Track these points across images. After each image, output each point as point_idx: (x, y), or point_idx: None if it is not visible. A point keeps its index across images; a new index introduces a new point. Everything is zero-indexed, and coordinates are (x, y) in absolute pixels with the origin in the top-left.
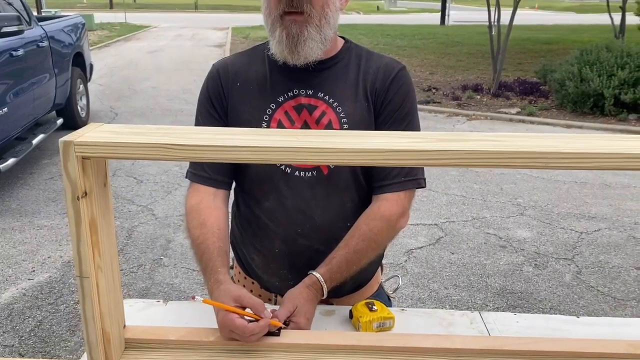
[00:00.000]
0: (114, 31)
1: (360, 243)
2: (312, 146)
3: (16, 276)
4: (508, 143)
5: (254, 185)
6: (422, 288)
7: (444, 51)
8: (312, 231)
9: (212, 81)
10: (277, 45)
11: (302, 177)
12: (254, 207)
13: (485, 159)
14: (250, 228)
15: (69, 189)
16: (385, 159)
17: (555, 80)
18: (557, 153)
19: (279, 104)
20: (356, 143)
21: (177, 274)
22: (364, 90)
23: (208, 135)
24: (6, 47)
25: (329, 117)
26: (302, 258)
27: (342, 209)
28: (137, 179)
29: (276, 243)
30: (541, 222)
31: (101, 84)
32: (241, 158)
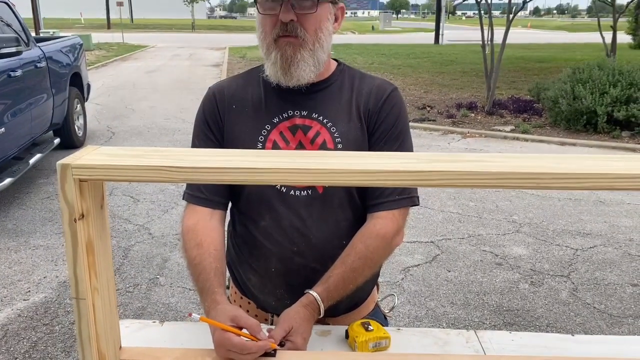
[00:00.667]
0: (111, 51)
1: (356, 261)
2: (307, 167)
3: (11, 297)
4: (499, 164)
5: (250, 205)
6: (419, 306)
7: (438, 70)
8: (307, 249)
9: (208, 104)
10: (272, 67)
11: (298, 196)
12: (250, 226)
13: (477, 179)
14: (246, 248)
15: (66, 211)
16: (377, 180)
17: (549, 98)
18: (549, 174)
19: (274, 125)
20: (349, 164)
21: (174, 293)
22: (357, 110)
23: (205, 158)
24: (4, 68)
25: (323, 137)
26: (298, 277)
27: (337, 227)
28: (134, 198)
29: (272, 262)
30: (537, 239)
31: (98, 104)
32: (238, 180)
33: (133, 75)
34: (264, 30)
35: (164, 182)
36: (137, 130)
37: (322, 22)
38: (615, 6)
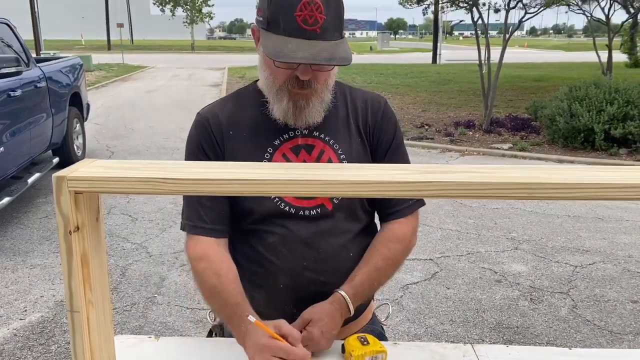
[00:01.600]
0: (111, 72)
1: (380, 262)
2: (303, 178)
3: (8, 316)
4: (492, 174)
5: (257, 225)
6: (418, 324)
7: (436, 89)
8: (317, 264)
9: (202, 131)
10: (282, 111)
11: (307, 215)
12: (256, 244)
13: (470, 190)
14: (250, 265)
15: (62, 223)
16: (373, 191)
17: (546, 116)
18: (542, 184)
19: (276, 147)
20: (346, 175)
21: (171, 312)
22: (356, 126)
23: (200, 169)
24: (4, 87)
25: (328, 155)
26: (307, 291)
27: (345, 239)
28: (132, 216)
29: (281, 278)
30: (536, 256)
31: (98, 123)
32: (234, 191)
33: (133, 95)
34: (275, 76)
35: (160, 193)
36: (136, 150)
37: (332, 71)
38: (610, 26)
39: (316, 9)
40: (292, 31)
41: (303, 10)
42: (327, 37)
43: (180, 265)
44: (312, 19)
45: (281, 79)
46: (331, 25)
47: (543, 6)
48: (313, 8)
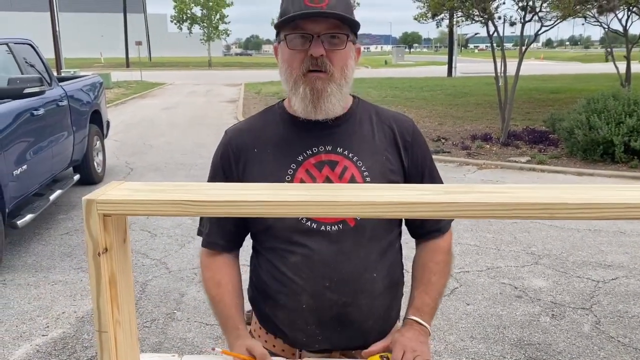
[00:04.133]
0: (130, 89)
1: (432, 277)
2: (325, 200)
3: (30, 332)
4: (514, 195)
5: (279, 242)
6: (438, 340)
7: (452, 102)
8: (339, 284)
9: (222, 149)
10: (301, 101)
11: (329, 231)
12: (279, 263)
13: (492, 210)
14: (273, 285)
15: (91, 245)
16: (397, 212)
17: (564, 129)
18: (563, 204)
19: (300, 163)
20: (368, 196)
21: (191, 328)
22: (383, 144)
23: (225, 192)
24: (27, 107)
25: (351, 171)
26: (329, 312)
27: (368, 259)
28: (151, 232)
29: (303, 298)
30: (556, 271)
31: (117, 140)
32: (256, 212)
33: (151, 112)
34: (291, 65)
35: (185, 215)
36: (154, 166)
37: (348, 59)
38: (628, 36)
39: None
40: (300, 10)
41: None
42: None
43: (199, 281)
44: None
45: (297, 64)
46: (339, 5)
47: (559, 19)
48: None
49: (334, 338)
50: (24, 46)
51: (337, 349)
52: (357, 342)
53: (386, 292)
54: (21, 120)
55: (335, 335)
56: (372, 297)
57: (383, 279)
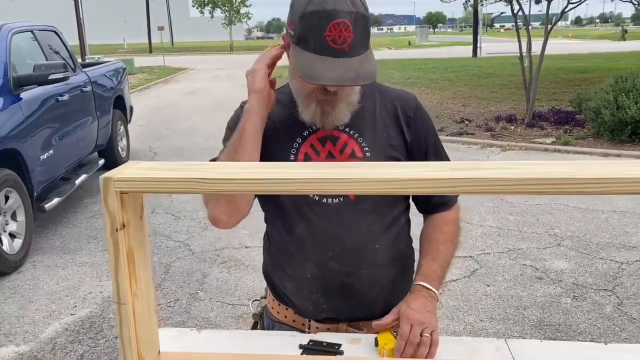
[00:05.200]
0: (153, 74)
1: (440, 246)
2: (336, 177)
3: (59, 311)
4: (519, 170)
5: (284, 214)
6: (457, 321)
7: (476, 83)
8: (342, 254)
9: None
10: (310, 115)
11: (330, 203)
12: (285, 235)
13: (496, 186)
14: (282, 256)
15: (109, 221)
16: (403, 188)
17: (591, 109)
18: (570, 179)
19: (305, 138)
20: (372, 173)
21: (213, 307)
22: (385, 121)
23: (236, 170)
24: (53, 93)
25: (351, 147)
26: (333, 281)
27: (370, 231)
28: (175, 215)
29: (308, 268)
30: (579, 252)
31: (141, 125)
32: (269, 190)
33: (174, 97)
34: (303, 86)
35: (197, 192)
36: (177, 151)
37: None
38: None
39: (345, 29)
40: (322, 50)
41: (332, 31)
42: (354, 54)
43: (221, 262)
44: (340, 38)
45: (309, 89)
46: (358, 42)
47: None
48: (342, 29)
49: (339, 307)
50: (48, 33)
51: (343, 319)
52: (362, 313)
53: (390, 264)
54: (47, 106)
55: (340, 305)
56: (375, 268)
57: (386, 251)
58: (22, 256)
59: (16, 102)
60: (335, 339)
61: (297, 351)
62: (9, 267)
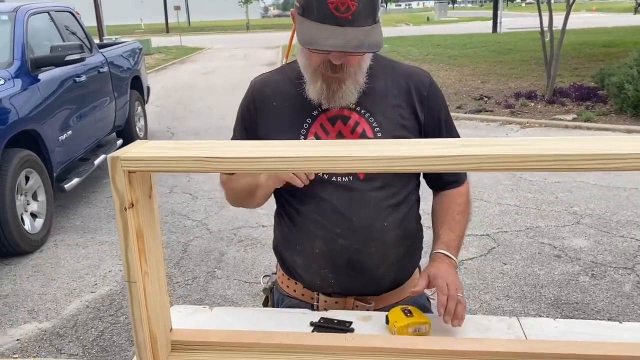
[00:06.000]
0: (170, 54)
1: (455, 215)
2: (342, 155)
3: (80, 289)
4: (530, 147)
5: (294, 192)
6: (473, 299)
7: (496, 59)
8: (350, 231)
9: (245, 101)
10: (316, 93)
11: (339, 181)
12: (295, 211)
13: (507, 162)
14: (291, 231)
15: (117, 200)
16: (410, 166)
17: (614, 84)
18: (579, 155)
19: (314, 118)
20: (382, 151)
21: (230, 285)
22: (397, 100)
23: (243, 148)
24: (70, 74)
25: (362, 126)
26: (341, 257)
27: (378, 209)
28: (193, 195)
29: (317, 244)
30: (599, 230)
31: (158, 105)
32: (272, 168)
33: (191, 77)
34: (310, 60)
35: (205, 171)
36: (194, 131)
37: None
38: None
39: None
40: (325, 18)
41: None
42: (359, 24)
43: (238, 241)
44: (344, 6)
45: (315, 63)
46: (363, 11)
47: None
48: None
49: (347, 283)
50: (64, 14)
51: (351, 294)
52: (369, 289)
53: (399, 242)
54: (64, 87)
55: (348, 280)
56: (384, 245)
57: (395, 229)
58: (44, 235)
59: (34, 83)
60: (346, 317)
61: (308, 328)
62: (31, 246)
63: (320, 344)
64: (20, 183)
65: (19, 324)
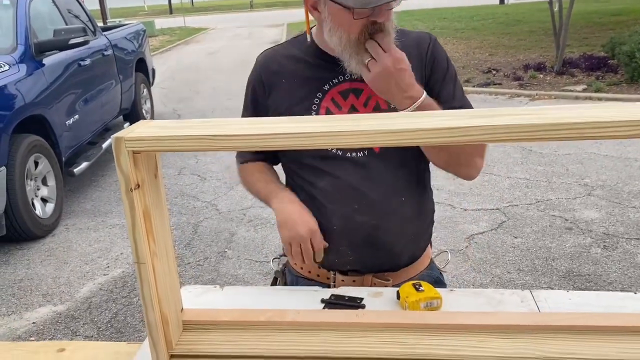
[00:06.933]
0: (174, 35)
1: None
2: (345, 129)
3: (93, 272)
4: (540, 116)
5: (308, 170)
6: (484, 274)
7: (504, 31)
8: (368, 207)
9: (255, 77)
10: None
11: (354, 157)
12: (309, 188)
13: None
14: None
15: (123, 181)
16: (419, 139)
17: (624, 53)
18: (593, 123)
19: (325, 92)
20: (389, 124)
21: (241, 265)
22: None
23: (247, 125)
24: (75, 57)
25: (375, 99)
26: (359, 234)
27: (396, 184)
28: (201, 176)
29: (333, 220)
30: (610, 202)
31: (164, 87)
32: (278, 145)
33: (196, 58)
34: (350, 30)
35: (211, 150)
36: (201, 112)
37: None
38: None
39: None
40: None
41: None
42: None
43: (248, 221)
44: None
45: (357, 30)
46: None
47: None
48: None
49: (366, 260)
50: None
51: (369, 271)
52: (387, 265)
53: (415, 217)
54: (69, 72)
55: (367, 257)
56: (402, 221)
57: (412, 204)
58: (55, 220)
59: (39, 68)
60: (358, 293)
61: (319, 306)
62: (43, 230)
63: (331, 320)
64: (29, 168)
65: (34, 308)
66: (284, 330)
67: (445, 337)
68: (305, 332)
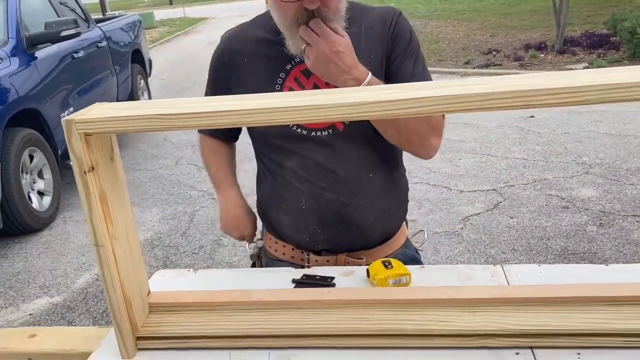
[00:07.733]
0: (174, 26)
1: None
2: (292, 105)
3: (89, 263)
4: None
5: (274, 150)
6: (478, 254)
7: (505, 11)
8: (336, 185)
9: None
10: (296, 44)
11: (320, 136)
12: (277, 169)
13: (476, 101)
14: (275, 191)
15: (76, 164)
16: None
17: (626, 30)
18: (545, 90)
19: (288, 72)
20: (342, 98)
21: (236, 252)
22: (370, 44)
23: (196, 104)
24: (68, 50)
25: None
26: (329, 212)
27: (363, 161)
28: (198, 166)
29: (303, 200)
30: (608, 179)
31: (163, 79)
32: (225, 122)
33: (195, 48)
34: (284, 12)
35: (162, 129)
36: None
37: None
38: None
39: None
40: None
41: None
42: None
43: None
44: None
45: (290, 13)
46: None
47: None
48: None
49: (337, 238)
50: None
51: (341, 250)
52: (359, 243)
53: (385, 193)
54: (63, 64)
55: (337, 235)
56: (371, 197)
57: (381, 180)
58: (52, 213)
59: (31, 61)
60: (330, 273)
61: (290, 286)
62: (40, 223)
63: (297, 299)
64: (24, 162)
65: (31, 299)
66: (250, 310)
67: (412, 312)
68: (271, 311)
